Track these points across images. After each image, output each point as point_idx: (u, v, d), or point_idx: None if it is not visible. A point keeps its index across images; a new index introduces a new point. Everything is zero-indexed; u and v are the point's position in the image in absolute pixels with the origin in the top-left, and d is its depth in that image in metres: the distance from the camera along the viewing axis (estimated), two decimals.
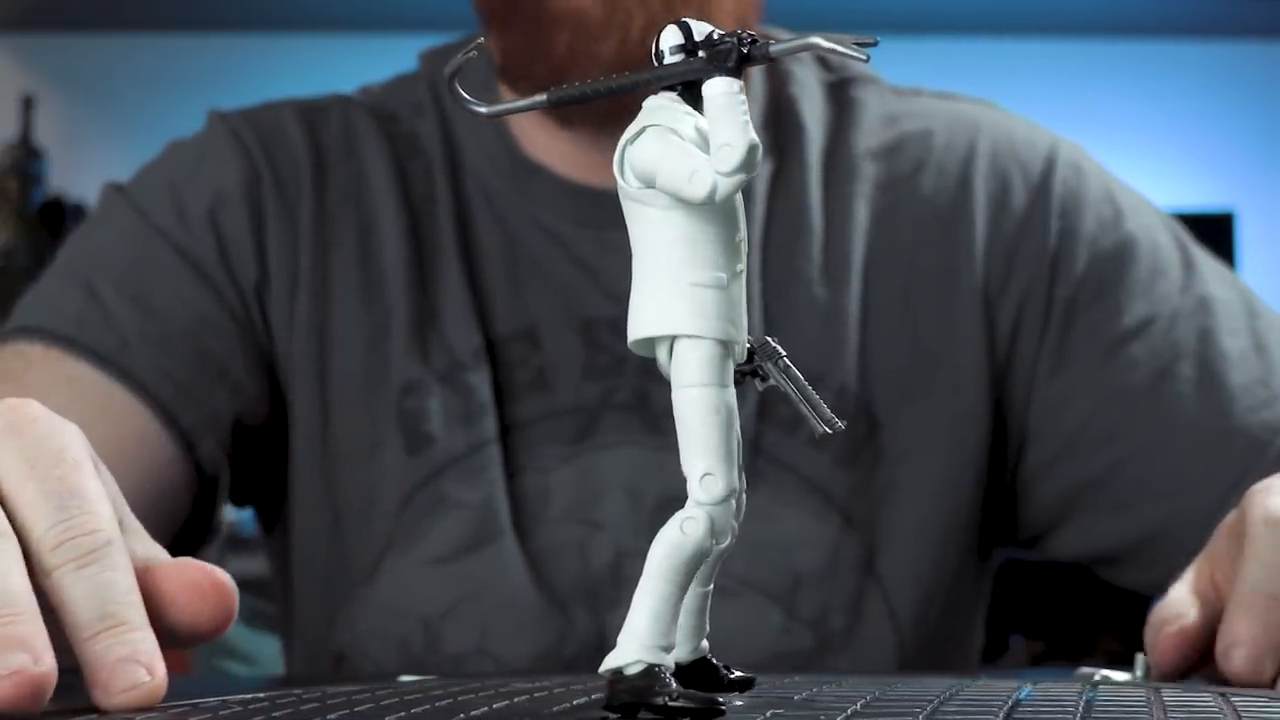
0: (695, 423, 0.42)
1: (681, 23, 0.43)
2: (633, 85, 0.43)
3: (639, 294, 0.42)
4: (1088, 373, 0.91)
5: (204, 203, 0.92)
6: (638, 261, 0.42)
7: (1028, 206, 0.94)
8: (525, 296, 0.91)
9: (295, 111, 0.96)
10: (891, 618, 0.89)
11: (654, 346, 0.42)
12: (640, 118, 0.42)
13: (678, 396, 0.42)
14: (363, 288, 0.91)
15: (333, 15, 2.31)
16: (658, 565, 0.41)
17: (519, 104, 0.45)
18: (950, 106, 0.99)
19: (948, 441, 0.91)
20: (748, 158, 0.40)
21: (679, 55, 0.43)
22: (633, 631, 0.41)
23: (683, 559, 0.41)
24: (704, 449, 0.41)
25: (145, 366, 0.87)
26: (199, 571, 0.51)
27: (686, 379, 0.42)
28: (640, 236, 0.42)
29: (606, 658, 0.41)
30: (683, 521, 0.41)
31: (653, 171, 0.41)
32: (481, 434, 0.88)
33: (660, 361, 0.43)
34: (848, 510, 0.89)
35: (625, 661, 0.41)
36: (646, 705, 0.41)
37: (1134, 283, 0.92)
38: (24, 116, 2.30)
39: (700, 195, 0.41)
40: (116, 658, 0.47)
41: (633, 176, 0.42)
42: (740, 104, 0.41)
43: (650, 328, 0.42)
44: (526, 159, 0.93)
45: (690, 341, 0.42)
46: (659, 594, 0.41)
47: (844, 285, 0.91)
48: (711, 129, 0.41)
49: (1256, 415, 0.88)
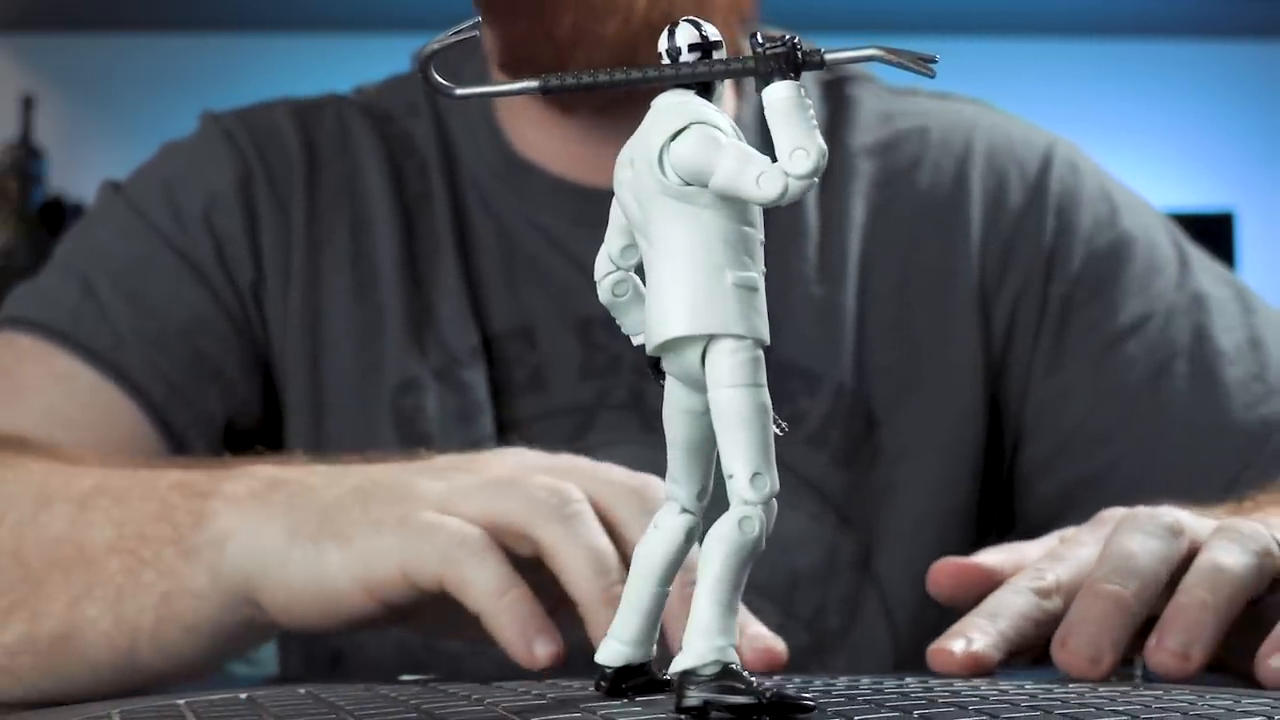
0: (742, 423, 0.42)
1: (694, 21, 0.43)
2: (658, 79, 0.43)
3: (672, 292, 0.42)
4: (1084, 370, 0.91)
5: (199, 203, 0.92)
6: (667, 259, 0.42)
7: (1024, 204, 0.94)
8: (521, 294, 0.91)
9: (289, 110, 0.96)
10: (887, 616, 0.89)
11: (676, 345, 0.42)
12: (675, 113, 0.42)
13: (721, 396, 0.42)
14: (355, 285, 0.91)
15: (331, 15, 2.31)
16: (720, 564, 0.41)
17: (509, 87, 0.45)
18: (946, 105, 0.99)
19: (945, 439, 0.91)
20: (820, 162, 0.41)
21: (695, 54, 0.43)
22: (702, 631, 0.41)
23: (742, 558, 0.41)
24: (752, 449, 0.42)
25: (138, 365, 0.87)
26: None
27: (732, 379, 0.42)
28: (675, 234, 0.42)
29: (677, 659, 0.41)
30: (740, 520, 0.41)
31: (704, 169, 0.41)
32: (479, 432, 0.88)
33: (684, 361, 0.42)
34: (845, 510, 0.89)
35: (701, 661, 0.41)
36: (734, 705, 0.40)
37: (1130, 280, 0.92)
38: (24, 116, 2.29)
39: (770, 197, 0.41)
40: None
41: (674, 173, 0.42)
42: (808, 107, 0.41)
43: (692, 326, 0.42)
44: (519, 158, 0.93)
45: (734, 342, 0.42)
46: (723, 592, 0.41)
47: (840, 283, 0.91)
48: (781, 132, 0.41)
49: (1253, 411, 0.88)
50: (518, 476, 0.64)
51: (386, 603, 0.63)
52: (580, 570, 0.60)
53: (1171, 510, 0.64)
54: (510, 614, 0.60)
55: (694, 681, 0.41)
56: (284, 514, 0.65)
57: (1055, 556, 0.64)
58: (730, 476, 0.42)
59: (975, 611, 0.61)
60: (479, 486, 0.64)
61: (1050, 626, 0.60)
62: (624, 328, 0.46)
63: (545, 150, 0.93)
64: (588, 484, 0.64)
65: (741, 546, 0.41)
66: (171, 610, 0.67)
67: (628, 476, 0.65)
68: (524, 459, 0.67)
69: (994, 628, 0.60)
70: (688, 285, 0.42)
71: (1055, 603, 0.61)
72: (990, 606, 0.61)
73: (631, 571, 0.46)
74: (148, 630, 0.67)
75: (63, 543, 0.70)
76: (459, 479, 0.64)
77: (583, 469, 0.65)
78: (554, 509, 0.61)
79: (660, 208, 0.42)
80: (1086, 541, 0.65)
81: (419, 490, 0.64)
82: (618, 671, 0.46)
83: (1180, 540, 0.62)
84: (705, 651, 0.41)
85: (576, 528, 0.61)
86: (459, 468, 0.66)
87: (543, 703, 0.46)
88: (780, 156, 0.41)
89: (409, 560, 0.62)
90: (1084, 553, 0.63)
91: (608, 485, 0.64)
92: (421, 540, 0.62)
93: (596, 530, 0.62)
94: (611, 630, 0.46)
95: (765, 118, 0.41)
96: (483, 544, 0.61)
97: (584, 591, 0.60)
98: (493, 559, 0.61)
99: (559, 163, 0.92)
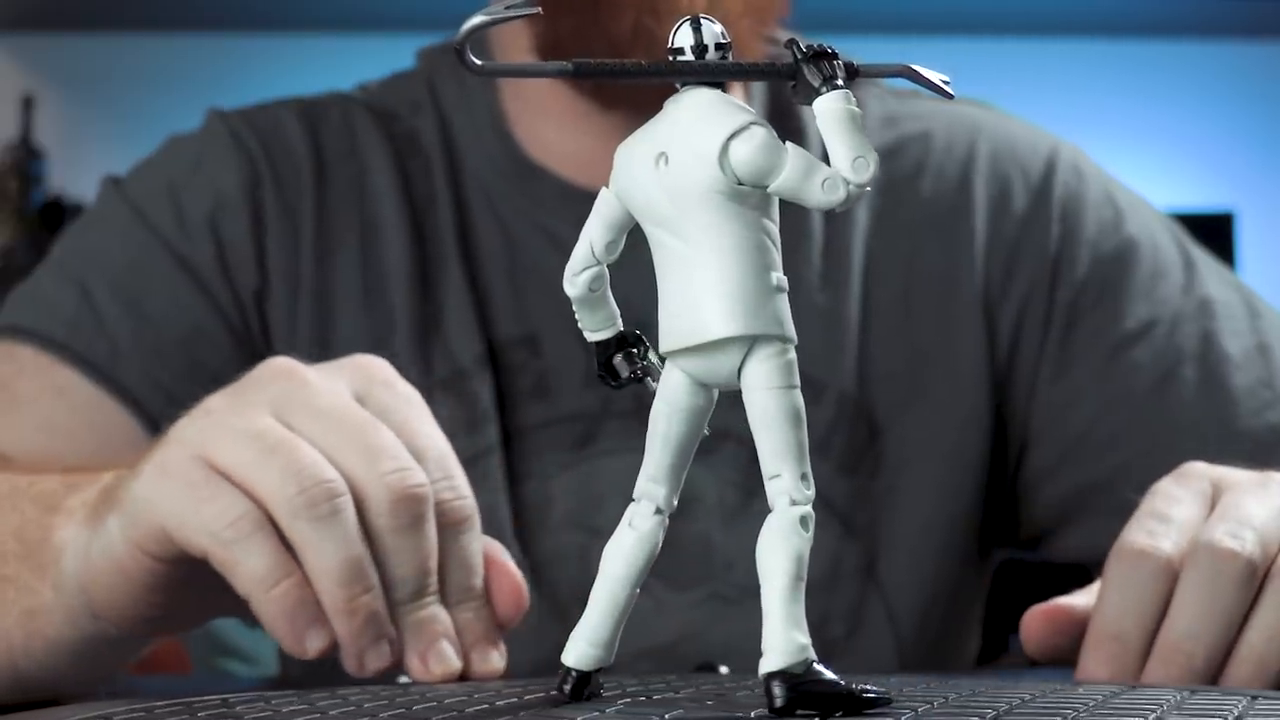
0: (788, 424, 0.42)
1: (712, 19, 0.44)
2: (697, 75, 0.43)
3: (718, 291, 0.42)
4: (1090, 376, 0.91)
5: (203, 207, 0.91)
6: (713, 258, 0.42)
7: (1028, 209, 0.94)
8: (526, 301, 0.90)
9: (295, 111, 0.95)
10: (891, 623, 0.89)
11: (713, 345, 0.42)
12: (724, 112, 0.42)
13: (765, 398, 0.42)
14: (365, 291, 0.90)
15: (332, 15, 2.31)
16: (790, 564, 0.42)
17: (538, 66, 0.45)
18: (949, 109, 0.99)
19: (949, 446, 0.91)
20: (878, 171, 0.41)
21: (719, 53, 0.43)
22: (786, 630, 0.41)
23: (806, 556, 0.42)
24: (799, 450, 0.42)
25: (136, 378, 0.87)
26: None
27: (776, 381, 0.42)
28: (725, 233, 0.42)
29: (767, 661, 0.41)
30: (800, 519, 0.42)
31: (767, 171, 0.41)
32: (484, 441, 0.87)
33: (715, 361, 0.42)
34: (848, 518, 0.89)
35: (792, 661, 0.41)
36: (828, 697, 0.41)
37: (1135, 285, 0.92)
38: (24, 116, 2.29)
39: (834, 202, 0.41)
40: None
41: (731, 172, 0.42)
42: (860, 116, 0.42)
43: (742, 326, 0.42)
44: (529, 161, 0.92)
45: (780, 344, 0.42)
46: (796, 591, 0.42)
47: (844, 289, 0.91)
48: (839, 140, 0.41)
49: (1260, 417, 0.88)
50: (286, 439, 0.58)
51: (161, 558, 0.60)
52: (328, 577, 0.57)
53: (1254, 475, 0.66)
54: (279, 604, 0.57)
55: (786, 680, 0.41)
56: (103, 515, 0.63)
57: (1161, 517, 0.64)
58: (776, 477, 0.42)
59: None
60: (242, 437, 0.59)
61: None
62: (585, 323, 0.46)
63: (558, 153, 0.92)
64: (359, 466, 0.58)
65: (805, 544, 0.42)
66: (34, 625, 0.66)
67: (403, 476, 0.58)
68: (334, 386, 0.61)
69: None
70: (738, 285, 0.42)
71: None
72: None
73: (604, 572, 0.45)
74: (20, 646, 0.67)
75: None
76: (224, 419, 0.60)
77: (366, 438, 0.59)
78: (309, 504, 0.57)
79: (706, 206, 0.42)
80: (1182, 499, 0.65)
81: (179, 434, 0.61)
82: (582, 676, 0.46)
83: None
84: (793, 651, 0.41)
85: (328, 529, 0.57)
86: (231, 396, 0.62)
87: (513, 704, 0.46)
88: (840, 164, 0.41)
89: (165, 512, 0.59)
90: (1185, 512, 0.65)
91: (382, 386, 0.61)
92: (187, 506, 0.58)
93: (350, 534, 0.57)
94: (581, 633, 0.46)
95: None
96: (251, 525, 0.57)
97: (327, 599, 0.57)
98: (261, 544, 0.57)
99: (569, 166, 0.92)
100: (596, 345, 0.45)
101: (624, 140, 0.44)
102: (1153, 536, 0.62)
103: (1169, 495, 0.65)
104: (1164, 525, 0.63)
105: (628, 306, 0.46)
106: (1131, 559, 0.62)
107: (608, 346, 0.46)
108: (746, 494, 0.86)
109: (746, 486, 0.86)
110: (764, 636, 0.41)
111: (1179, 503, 0.64)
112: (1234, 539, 0.61)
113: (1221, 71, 2.57)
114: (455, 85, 0.95)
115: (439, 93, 0.95)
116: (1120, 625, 0.61)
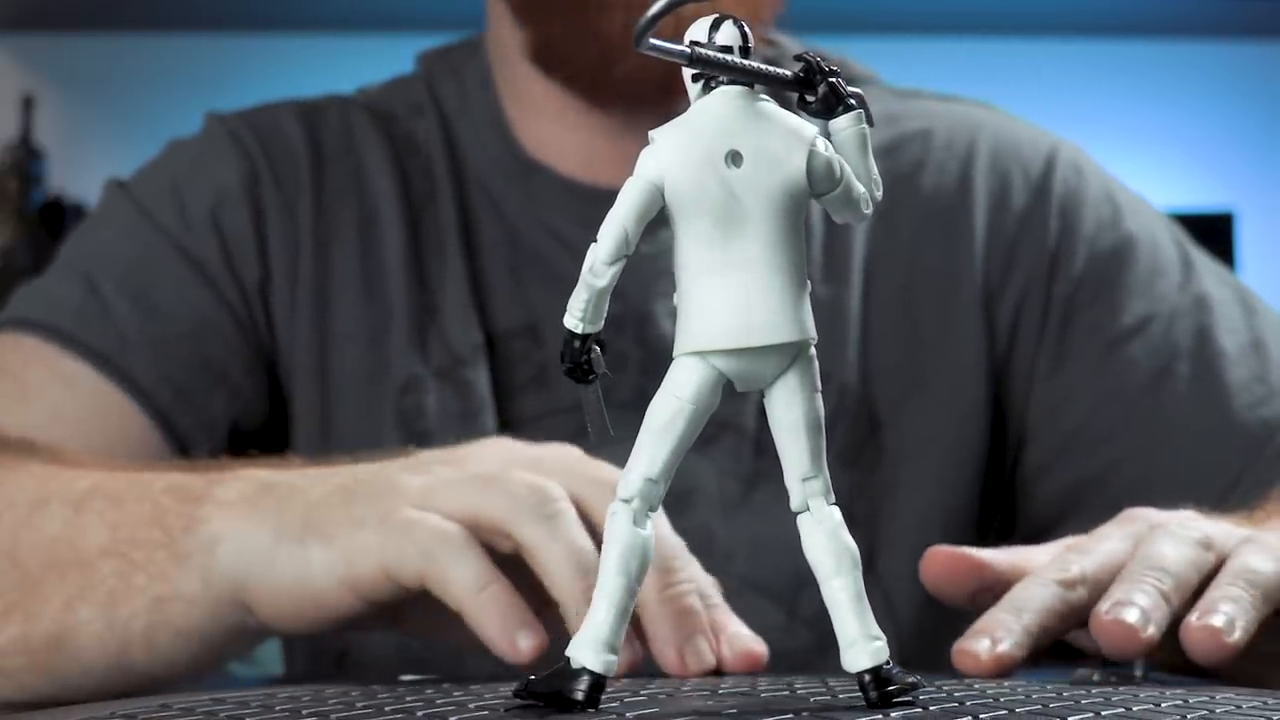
0: (819, 428, 0.44)
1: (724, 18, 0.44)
2: (772, 78, 0.44)
3: (785, 296, 0.42)
4: (1087, 371, 0.91)
5: (206, 202, 0.92)
6: (777, 260, 0.42)
7: (1028, 205, 0.94)
8: (527, 292, 0.91)
9: (293, 112, 0.96)
10: (891, 616, 0.89)
11: (767, 347, 0.42)
12: (793, 119, 0.43)
13: (805, 400, 0.43)
14: (363, 283, 0.91)
15: (332, 15, 2.31)
16: (851, 561, 0.44)
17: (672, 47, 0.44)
18: (950, 107, 0.99)
19: (948, 440, 0.91)
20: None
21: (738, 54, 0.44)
22: (864, 630, 0.43)
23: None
24: (824, 454, 0.44)
25: (144, 369, 0.87)
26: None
27: (815, 384, 0.43)
28: (789, 239, 0.42)
29: (855, 660, 0.43)
30: (842, 523, 0.44)
31: (834, 181, 0.42)
32: (480, 431, 0.87)
33: (759, 364, 0.43)
34: (849, 510, 0.89)
35: (882, 658, 0.43)
36: (911, 685, 0.43)
37: (1133, 281, 0.92)
38: (24, 116, 2.29)
39: (863, 217, 0.43)
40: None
41: (808, 178, 0.42)
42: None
43: (804, 331, 0.43)
44: (529, 159, 0.93)
45: (811, 348, 0.43)
46: (862, 586, 0.44)
47: (845, 284, 0.91)
48: (862, 161, 0.43)
49: (1254, 412, 0.88)
50: (500, 473, 0.63)
51: (370, 600, 0.63)
52: (561, 571, 0.60)
53: (1199, 523, 0.64)
54: (491, 608, 0.60)
55: (882, 676, 0.43)
56: (272, 517, 0.65)
57: (1080, 549, 0.63)
58: (812, 478, 0.44)
59: (999, 606, 0.60)
60: (460, 482, 0.63)
61: (1074, 620, 0.60)
62: (590, 315, 0.43)
63: (556, 150, 0.93)
64: (570, 481, 0.63)
65: (852, 541, 0.44)
66: (163, 614, 0.67)
67: (612, 474, 0.64)
68: (510, 452, 0.67)
69: (1019, 624, 0.59)
70: (800, 289, 0.43)
71: (1080, 594, 0.61)
72: (1015, 600, 0.60)
73: (614, 571, 0.43)
74: (139, 633, 0.67)
75: (58, 545, 0.70)
76: (441, 473, 0.64)
77: (569, 465, 0.65)
78: (535, 508, 0.61)
79: (779, 208, 0.42)
80: (1111, 536, 0.64)
81: (400, 486, 0.64)
82: (597, 680, 0.43)
83: (1209, 553, 0.62)
84: (880, 648, 0.43)
85: (557, 527, 0.61)
86: (443, 461, 0.66)
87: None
88: (865, 183, 0.43)
89: (389, 557, 0.62)
90: (1109, 546, 0.63)
91: (591, 484, 0.64)
92: (402, 537, 0.62)
93: (578, 530, 0.61)
94: (598, 635, 0.43)
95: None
96: (462, 540, 0.61)
97: (565, 592, 0.60)
98: (472, 555, 0.61)
99: (569, 163, 0.93)
100: (578, 339, 0.43)
101: (657, 131, 0.43)
102: (1063, 564, 0.62)
103: (1099, 533, 0.65)
104: (1079, 555, 0.63)
105: (623, 298, 0.46)
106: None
107: (586, 341, 0.44)
108: (746, 485, 0.86)
109: (746, 478, 0.86)
110: (840, 634, 0.43)
111: (1105, 539, 0.64)
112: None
113: (1221, 71, 2.57)
114: (455, 87, 0.96)
115: (440, 95, 0.97)
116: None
